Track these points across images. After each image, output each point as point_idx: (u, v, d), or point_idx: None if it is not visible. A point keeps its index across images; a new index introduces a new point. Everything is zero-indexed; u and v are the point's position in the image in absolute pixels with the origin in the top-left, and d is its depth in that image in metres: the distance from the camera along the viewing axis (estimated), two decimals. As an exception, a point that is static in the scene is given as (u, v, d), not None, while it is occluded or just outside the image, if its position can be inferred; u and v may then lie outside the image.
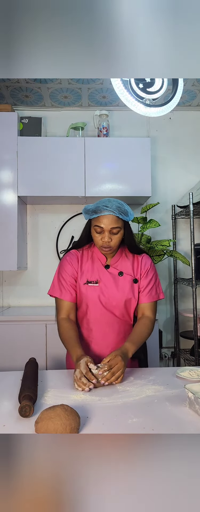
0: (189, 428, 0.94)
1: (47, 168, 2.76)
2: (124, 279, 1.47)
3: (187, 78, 2.65)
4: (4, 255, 2.71)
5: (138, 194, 2.80)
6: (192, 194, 2.66)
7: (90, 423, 0.98)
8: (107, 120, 2.97)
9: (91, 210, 1.42)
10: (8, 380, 1.32)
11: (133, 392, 1.18)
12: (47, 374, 1.38)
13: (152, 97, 1.51)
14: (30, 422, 0.98)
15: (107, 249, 1.42)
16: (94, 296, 1.44)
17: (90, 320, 1.46)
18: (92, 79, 2.72)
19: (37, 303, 3.07)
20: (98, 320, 1.45)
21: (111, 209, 1.37)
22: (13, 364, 2.38)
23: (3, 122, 2.76)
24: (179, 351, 3.04)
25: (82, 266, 1.48)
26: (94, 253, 1.51)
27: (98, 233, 1.41)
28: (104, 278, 1.46)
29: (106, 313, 1.45)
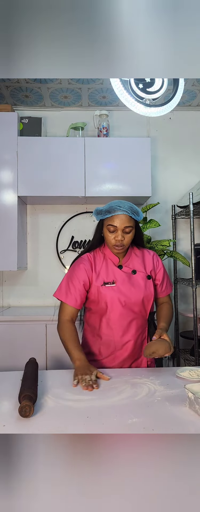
0: (189, 428, 0.94)
1: (47, 168, 2.76)
2: (138, 277, 1.53)
3: (187, 78, 2.65)
4: (4, 255, 2.71)
5: (138, 194, 2.80)
6: (192, 194, 2.66)
7: (90, 423, 0.97)
8: (107, 120, 2.97)
9: (104, 210, 1.48)
10: (8, 380, 1.32)
11: (133, 392, 1.18)
12: (47, 374, 1.38)
13: (152, 97, 1.51)
14: (30, 422, 0.98)
15: (120, 248, 1.47)
16: (113, 296, 1.48)
17: (110, 319, 1.49)
18: (92, 79, 2.72)
19: (37, 303, 3.07)
20: (118, 319, 1.49)
21: (124, 209, 1.44)
22: (13, 364, 2.38)
23: (3, 122, 2.75)
24: (179, 351, 3.04)
25: (96, 269, 1.52)
26: (106, 255, 1.55)
27: (111, 232, 1.47)
28: (119, 278, 1.50)
29: (125, 311, 1.48)
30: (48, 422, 0.99)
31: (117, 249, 1.48)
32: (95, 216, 1.53)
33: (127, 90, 1.47)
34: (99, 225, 1.55)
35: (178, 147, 3.22)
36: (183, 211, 2.91)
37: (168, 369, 1.44)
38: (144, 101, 1.50)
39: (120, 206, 1.44)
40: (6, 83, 2.78)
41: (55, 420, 1.00)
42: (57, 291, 1.53)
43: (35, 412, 1.02)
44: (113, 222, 1.45)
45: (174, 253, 2.76)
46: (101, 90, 2.89)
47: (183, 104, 3.15)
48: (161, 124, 3.21)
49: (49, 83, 2.78)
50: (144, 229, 2.72)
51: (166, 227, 3.18)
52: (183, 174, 3.20)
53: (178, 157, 3.22)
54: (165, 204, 3.18)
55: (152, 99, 1.51)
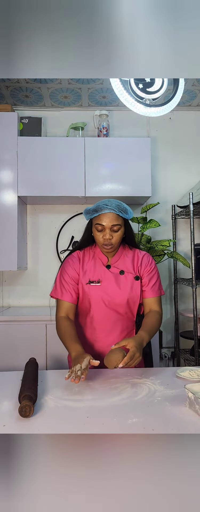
0: (189, 428, 0.94)
1: (47, 168, 2.76)
2: (125, 278, 1.50)
3: (187, 78, 2.65)
4: (4, 255, 2.71)
5: (138, 194, 2.80)
6: (192, 194, 2.66)
7: (90, 423, 0.97)
8: (107, 120, 2.97)
9: (92, 209, 1.47)
10: (8, 380, 1.32)
11: (133, 392, 1.18)
12: (47, 374, 1.38)
13: (152, 97, 1.51)
14: (30, 422, 0.98)
15: (108, 247, 1.46)
16: (97, 295, 1.47)
17: (94, 319, 1.49)
18: (92, 79, 2.72)
19: (37, 303, 3.07)
20: (101, 319, 1.48)
21: (111, 207, 1.43)
22: (13, 364, 2.38)
23: (3, 122, 2.75)
24: (179, 351, 3.04)
25: (83, 266, 1.52)
26: (96, 253, 1.54)
27: (99, 231, 1.46)
28: (105, 278, 1.49)
29: (109, 312, 1.47)
30: (48, 422, 0.99)
31: (106, 248, 1.47)
32: (84, 216, 1.52)
33: (127, 90, 1.47)
34: (88, 224, 1.55)
35: (178, 147, 3.23)
36: (183, 211, 2.91)
37: (168, 369, 1.44)
38: (144, 101, 1.50)
39: (107, 205, 1.43)
40: (6, 83, 2.78)
41: (55, 420, 1.00)
42: (53, 290, 1.54)
43: (35, 412, 1.02)
44: (100, 221, 1.44)
45: (174, 253, 2.76)
46: (101, 90, 2.89)
47: (183, 104, 3.15)
48: (161, 124, 3.21)
49: (49, 83, 2.78)
50: (144, 229, 2.72)
51: (166, 227, 3.18)
52: (183, 174, 3.20)
53: (178, 157, 3.22)
54: (165, 204, 3.18)
55: (152, 99, 1.51)
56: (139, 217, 2.76)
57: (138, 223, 2.76)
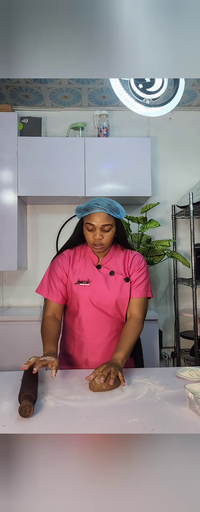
0: (189, 428, 0.94)
1: (47, 168, 2.76)
2: (115, 279, 1.47)
3: (187, 78, 2.64)
4: (4, 255, 2.71)
5: (138, 194, 2.80)
6: (192, 194, 2.66)
7: (90, 423, 0.97)
8: (107, 120, 2.97)
9: (83, 208, 1.44)
10: (8, 380, 1.32)
11: (133, 392, 1.18)
12: (47, 374, 1.38)
13: (152, 97, 1.51)
14: (30, 422, 0.98)
15: (99, 247, 1.43)
16: (85, 295, 1.44)
17: (82, 319, 1.46)
18: (92, 79, 2.72)
19: (37, 303, 3.06)
20: (89, 319, 1.46)
21: (102, 207, 1.39)
22: (13, 364, 2.38)
23: (3, 122, 2.75)
24: (179, 351, 3.04)
25: (73, 265, 1.49)
26: (87, 253, 1.52)
27: (90, 231, 1.43)
28: (95, 278, 1.46)
29: (97, 312, 1.45)
30: (48, 422, 0.99)
31: (96, 248, 1.44)
32: (76, 214, 1.49)
33: (127, 91, 1.47)
34: (79, 223, 1.53)
35: (178, 147, 3.23)
36: (183, 211, 2.91)
37: (168, 369, 1.43)
38: (144, 101, 1.49)
39: (98, 204, 1.40)
40: (6, 83, 2.78)
41: (55, 420, 1.00)
42: (39, 287, 1.52)
43: (35, 412, 1.02)
44: (91, 221, 1.41)
45: (174, 253, 2.76)
46: (101, 90, 2.89)
47: (183, 104, 3.15)
48: (161, 124, 3.21)
49: (49, 83, 2.78)
50: (144, 229, 2.72)
51: (166, 227, 3.18)
52: (183, 174, 3.20)
53: (178, 157, 3.22)
54: (165, 204, 3.18)
55: (152, 99, 1.51)
56: (139, 217, 2.76)
57: (138, 223, 2.76)
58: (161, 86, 1.52)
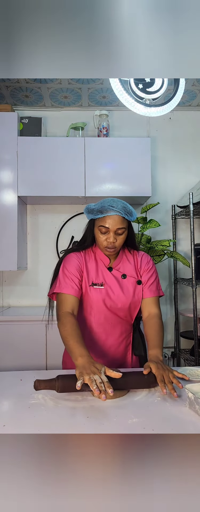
0: (189, 428, 0.94)
1: (47, 168, 2.76)
2: (128, 282, 1.45)
3: (187, 78, 2.64)
4: (4, 255, 2.71)
5: (138, 194, 2.80)
6: (192, 194, 2.66)
7: (90, 423, 0.97)
8: (107, 120, 2.97)
9: (96, 210, 1.38)
10: (8, 380, 1.32)
11: (133, 392, 1.18)
12: (47, 374, 1.37)
13: (152, 97, 1.50)
14: (30, 422, 0.98)
15: (111, 250, 1.40)
16: (99, 298, 1.41)
17: (94, 321, 1.43)
18: (92, 79, 2.72)
19: (37, 303, 3.07)
20: (101, 322, 1.43)
21: (117, 209, 1.35)
22: (13, 364, 2.38)
23: (3, 122, 2.76)
24: (179, 351, 3.04)
25: (87, 266, 1.44)
26: (97, 254, 1.47)
27: (103, 234, 1.38)
28: (108, 281, 1.43)
29: (109, 315, 1.42)
30: (48, 422, 0.99)
31: (108, 251, 1.40)
32: (86, 214, 1.44)
33: (127, 91, 1.47)
34: (91, 224, 1.45)
35: (178, 147, 3.23)
36: (183, 211, 2.91)
37: (168, 369, 1.43)
38: (144, 101, 1.49)
39: (113, 206, 1.34)
40: (6, 83, 2.78)
41: (55, 420, 1.00)
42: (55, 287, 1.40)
43: (35, 412, 1.02)
44: (105, 223, 1.36)
45: (174, 253, 2.76)
46: (101, 90, 2.89)
47: (183, 104, 3.15)
48: (161, 124, 3.21)
49: (49, 83, 2.78)
50: (144, 229, 2.72)
51: (166, 227, 3.18)
52: (183, 174, 3.20)
53: (178, 157, 3.22)
54: (165, 204, 3.18)
55: (152, 99, 1.51)
56: (139, 217, 2.76)
57: (138, 223, 2.76)
58: (161, 86, 1.52)
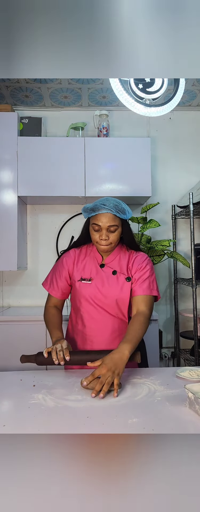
0: (189, 428, 0.94)
1: (47, 168, 2.76)
2: (117, 278, 1.48)
3: (187, 78, 2.64)
4: (4, 255, 2.71)
5: (138, 194, 2.80)
6: (192, 194, 2.66)
7: (90, 423, 0.97)
8: (107, 120, 2.97)
9: (90, 208, 1.46)
10: (8, 380, 1.32)
11: (133, 392, 1.18)
12: (47, 374, 1.38)
13: (152, 97, 1.51)
14: (30, 422, 0.98)
15: (106, 247, 1.46)
16: (87, 293, 1.48)
17: (84, 316, 1.50)
18: (92, 79, 2.72)
19: (37, 303, 3.07)
20: (91, 317, 1.48)
21: (108, 207, 1.41)
22: (13, 364, 2.37)
23: (3, 122, 2.75)
24: (179, 351, 3.04)
25: (78, 263, 1.53)
26: (92, 252, 1.55)
27: (96, 231, 1.46)
28: (97, 277, 1.49)
29: (99, 310, 1.47)
30: (48, 422, 0.99)
31: (102, 248, 1.46)
32: (83, 213, 1.52)
33: (127, 91, 1.47)
34: (86, 222, 1.55)
35: (178, 147, 3.23)
36: (183, 211, 2.91)
37: (168, 369, 1.44)
38: (144, 101, 1.49)
39: (105, 205, 1.41)
40: (6, 83, 2.78)
41: (55, 420, 1.00)
42: (44, 280, 1.61)
43: (35, 412, 1.02)
44: (97, 221, 1.43)
45: (174, 253, 2.76)
46: (101, 90, 2.89)
47: (183, 104, 3.15)
48: (161, 124, 3.21)
49: (49, 83, 2.78)
50: (144, 229, 2.72)
51: (166, 227, 3.18)
52: (183, 174, 3.20)
53: (178, 157, 3.22)
54: (165, 204, 3.18)
55: (152, 99, 1.51)
56: (139, 217, 2.76)
57: (138, 223, 2.76)
58: (161, 86, 1.52)
